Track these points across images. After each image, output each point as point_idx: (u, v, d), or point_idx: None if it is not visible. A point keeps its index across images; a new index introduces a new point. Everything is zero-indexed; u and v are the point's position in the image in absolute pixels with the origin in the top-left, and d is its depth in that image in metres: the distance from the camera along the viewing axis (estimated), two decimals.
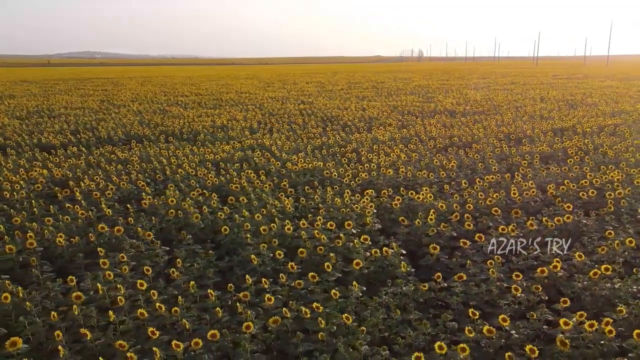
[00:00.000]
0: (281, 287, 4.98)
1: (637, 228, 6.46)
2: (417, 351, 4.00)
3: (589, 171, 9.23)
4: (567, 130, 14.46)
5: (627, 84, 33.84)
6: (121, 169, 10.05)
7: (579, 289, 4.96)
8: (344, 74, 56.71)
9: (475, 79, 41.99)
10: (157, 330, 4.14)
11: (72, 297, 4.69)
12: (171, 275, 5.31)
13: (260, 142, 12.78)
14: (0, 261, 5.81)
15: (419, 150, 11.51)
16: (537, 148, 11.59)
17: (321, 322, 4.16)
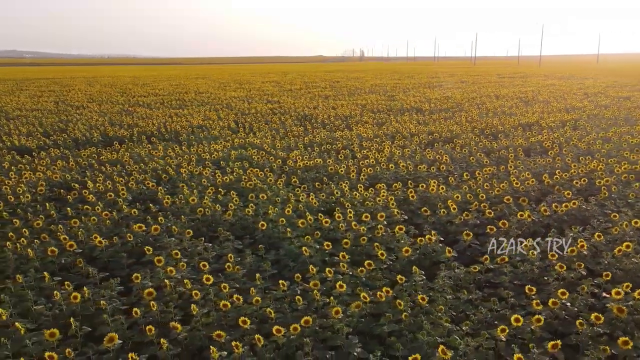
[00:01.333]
0: (342, 275, 5.21)
1: (634, 211, 7.16)
2: (490, 326, 4.38)
3: (571, 162, 10.02)
4: (533, 125, 15.43)
5: (566, 82, 36.15)
6: (120, 170, 9.87)
7: (605, 265, 5.51)
8: (295, 73, 56.94)
9: (426, 79, 43.42)
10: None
11: (145, 294, 4.73)
12: (226, 270, 5.41)
13: (248, 141, 12.84)
14: (43, 264, 5.68)
15: (408, 146, 11.98)
16: (514, 142, 12.36)
17: (400, 303, 4.45)
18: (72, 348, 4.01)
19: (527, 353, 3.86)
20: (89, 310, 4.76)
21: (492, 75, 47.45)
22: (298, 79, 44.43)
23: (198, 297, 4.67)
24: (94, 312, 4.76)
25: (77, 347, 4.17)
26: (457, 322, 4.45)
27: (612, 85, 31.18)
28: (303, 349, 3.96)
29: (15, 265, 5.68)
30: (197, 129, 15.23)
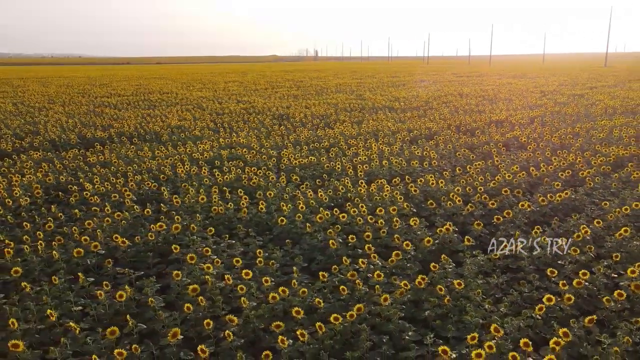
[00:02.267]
0: (373, 266, 5.43)
1: (619, 199, 7.73)
2: (521, 307, 4.73)
3: (550, 155, 10.63)
4: (503, 122, 16.15)
5: (520, 81, 37.72)
6: (115, 171, 9.72)
7: (609, 248, 5.98)
8: (254, 73, 56.67)
9: (387, 78, 44.25)
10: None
11: (189, 290, 4.80)
12: (257, 265, 5.53)
13: (234, 141, 12.86)
14: (69, 265, 5.62)
15: (393, 144, 12.34)
16: (492, 138, 12.95)
17: (441, 289, 4.73)
18: (130, 345, 4.06)
19: (564, 329, 4.20)
20: (133, 309, 4.78)
21: (449, 75, 48.86)
22: (260, 79, 44.28)
23: (244, 291, 4.78)
24: (138, 310, 4.79)
25: (134, 344, 4.19)
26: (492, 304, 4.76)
27: (564, 84, 32.84)
28: (359, 335, 4.16)
29: (39, 267, 5.58)
30: (177, 129, 15.08)
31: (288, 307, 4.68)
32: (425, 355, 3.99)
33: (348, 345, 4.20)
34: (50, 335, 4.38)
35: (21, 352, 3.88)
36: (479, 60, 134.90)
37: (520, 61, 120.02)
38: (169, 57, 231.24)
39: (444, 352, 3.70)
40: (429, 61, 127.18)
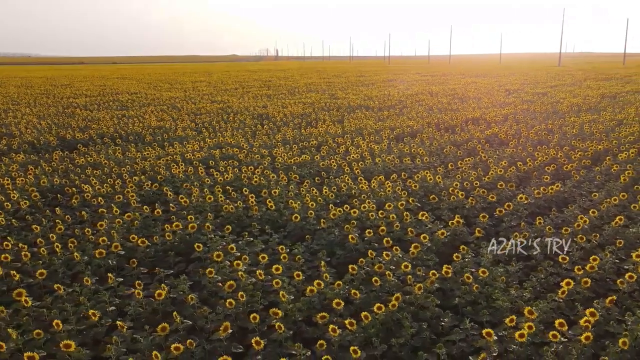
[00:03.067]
0: (397, 258, 5.64)
1: (604, 191, 8.21)
2: (540, 292, 5.04)
3: (532, 151, 11.14)
4: (479, 119, 16.72)
5: (483, 80, 38.91)
6: (108, 172, 9.58)
7: (607, 236, 6.40)
8: (219, 73, 56.15)
9: (354, 77, 44.75)
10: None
11: (226, 287, 4.88)
12: (282, 260, 5.65)
13: (223, 141, 12.85)
14: (92, 266, 5.58)
15: (380, 141, 12.62)
16: (473, 135, 13.41)
17: (468, 277, 4.98)
18: (179, 341, 4.12)
19: (590, 309, 4.52)
20: (170, 307, 4.82)
21: (413, 74, 49.79)
22: (227, 78, 43.94)
23: (279, 285, 4.90)
24: (174, 307, 4.82)
25: (181, 340, 4.25)
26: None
27: (526, 83, 34.08)
28: (400, 323, 4.36)
29: (62, 270, 5.52)
30: (158, 130, 14.90)
31: (323, 300, 4.83)
32: (465, 338, 4.22)
33: (390, 332, 4.39)
34: (91, 335, 4.37)
35: (74, 351, 3.88)
36: (439, 60, 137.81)
37: (478, 61, 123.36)
38: (125, 57, 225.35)
39: (488, 335, 3.93)
40: (390, 61, 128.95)
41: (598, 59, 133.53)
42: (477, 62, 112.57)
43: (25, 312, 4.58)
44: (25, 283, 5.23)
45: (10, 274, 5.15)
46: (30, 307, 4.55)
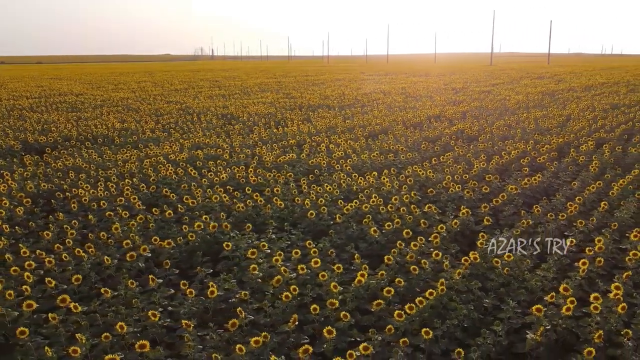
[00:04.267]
0: (422, 247, 5.95)
1: (579, 180, 8.95)
2: (558, 272, 5.51)
3: (502, 145, 11.86)
4: (439, 116, 17.46)
5: (428, 79, 40.37)
6: (94, 174, 9.29)
7: (598, 219, 7.03)
8: (161, 73, 54.68)
9: (302, 77, 45.04)
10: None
11: (273, 282, 4.99)
12: (311, 254, 5.81)
13: (200, 142, 12.72)
14: (120, 269, 5.49)
15: (357, 139, 12.95)
16: (442, 131, 14.04)
17: (497, 261, 5.37)
18: (242, 337, 4.22)
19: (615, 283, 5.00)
20: (220, 304, 4.86)
21: (358, 74, 50.75)
22: (171, 78, 42.87)
23: (325, 277, 5.07)
24: (224, 305, 4.88)
25: (247, 335, 4.33)
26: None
27: (469, 81, 35.72)
28: (451, 305, 4.67)
29: (92, 274, 5.40)
30: (124, 132, 14.47)
31: (366, 289, 5.05)
32: (512, 316, 4.58)
33: (440, 315, 4.68)
34: (150, 336, 4.35)
35: (149, 352, 3.88)
36: (376, 59, 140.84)
37: (414, 60, 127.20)
38: (50, 57, 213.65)
39: (538, 310, 4.31)
40: (329, 60, 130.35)
41: (524, 58, 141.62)
42: (414, 61, 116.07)
43: (74, 318, 4.48)
44: (60, 289, 5.08)
45: (45, 281, 4.98)
46: (79, 312, 4.46)
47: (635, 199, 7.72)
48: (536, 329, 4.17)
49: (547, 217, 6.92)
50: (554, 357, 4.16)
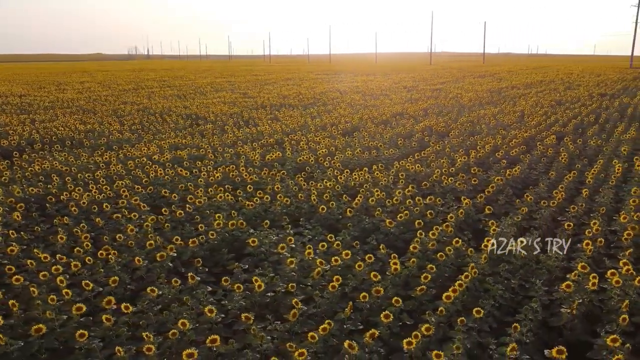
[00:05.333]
0: (438, 235, 6.28)
1: (555, 171, 9.62)
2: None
3: (473, 140, 12.50)
4: (403, 114, 18.03)
5: (377, 78, 41.30)
6: (81, 178, 8.99)
7: (583, 204, 7.66)
8: (102, 73, 52.50)
9: (250, 76, 44.83)
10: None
11: (314, 274, 5.15)
12: (334, 246, 6.00)
13: (178, 142, 12.53)
14: (151, 269, 5.45)
15: (335, 137, 13.20)
16: (413, 128, 14.55)
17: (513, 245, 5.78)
18: (300, 327, 4.36)
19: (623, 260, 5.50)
20: (266, 297, 4.96)
21: (306, 73, 51.08)
22: (115, 78, 41.38)
23: (362, 267, 5.28)
24: (270, 297, 4.98)
25: (306, 325, 4.47)
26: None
27: (418, 80, 36.92)
28: (486, 286, 5.02)
29: (123, 275, 5.33)
30: (90, 134, 13.97)
31: (400, 276, 5.32)
32: (542, 294, 4.98)
33: (475, 296, 5.01)
34: (208, 332, 4.39)
35: (219, 346, 3.94)
36: (318, 58, 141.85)
37: (356, 60, 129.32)
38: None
39: (568, 286, 4.73)
40: (271, 60, 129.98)
41: (460, 57, 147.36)
42: (355, 61, 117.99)
43: (124, 319, 4.44)
44: (96, 291, 4.99)
45: (82, 284, 4.87)
46: (130, 312, 4.43)
47: (608, 185, 8.44)
48: (570, 303, 4.58)
49: (540, 204, 7.46)
50: (585, 328, 4.58)
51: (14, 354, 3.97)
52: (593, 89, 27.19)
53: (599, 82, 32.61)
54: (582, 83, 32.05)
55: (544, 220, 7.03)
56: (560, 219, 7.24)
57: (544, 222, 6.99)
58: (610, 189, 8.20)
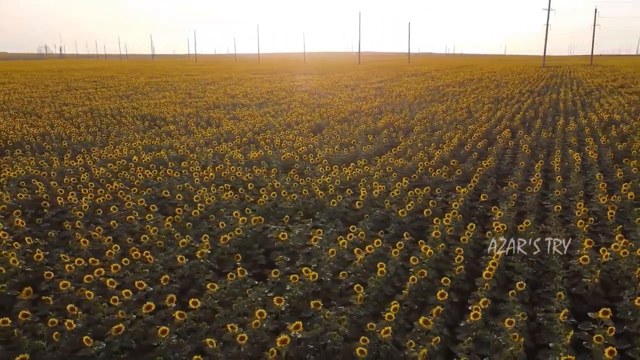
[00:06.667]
0: (447, 222, 6.77)
1: (525, 163, 10.48)
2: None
3: (439, 135, 13.25)
4: (357, 112, 18.59)
5: (316, 77, 41.87)
6: (68, 182, 8.66)
7: (559, 187, 8.48)
8: (20, 73, 49.15)
9: (186, 76, 43.90)
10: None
11: (357, 262, 5.43)
12: (359, 238, 6.33)
13: (148, 143, 12.26)
14: (193, 267, 5.49)
15: (306, 135, 13.46)
16: (375, 125, 15.11)
17: (522, 228, 6.38)
18: (365, 309, 4.66)
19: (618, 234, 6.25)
20: (316, 286, 5.18)
21: (244, 72, 50.73)
22: (40, 79, 39.00)
23: (397, 254, 5.64)
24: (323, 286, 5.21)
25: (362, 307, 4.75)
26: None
27: (356, 79, 37.87)
28: (514, 265, 5.56)
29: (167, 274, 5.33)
30: (46, 137, 13.30)
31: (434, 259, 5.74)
32: (561, 268, 5.57)
33: (503, 274, 5.52)
34: (276, 322, 4.56)
35: (302, 331, 4.13)
36: (245, 58, 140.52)
37: (285, 59, 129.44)
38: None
39: (585, 260, 5.35)
40: (197, 59, 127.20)
41: (386, 57, 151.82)
42: (284, 60, 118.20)
43: (191, 314, 4.50)
44: (147, 290, 4.97)
45: (137, 284, 4.84)
46: (198, 308, 4.50)
47: (574, 172, 9.38)
48: (591, 274, 5.20)
49: (525, 190, 8.19)
50: (604, 294, 5.21)
51: (100, 354, 3.94)
52: (521, 87, 29.30)
53: (523, 80, 35.15)
54: (509, 81, 34.38)
55: (532, 205, 7.74)
56: (544, 203, 7.99)
57: (531, 207, 7.70)
58: (577, 175, 9.12)
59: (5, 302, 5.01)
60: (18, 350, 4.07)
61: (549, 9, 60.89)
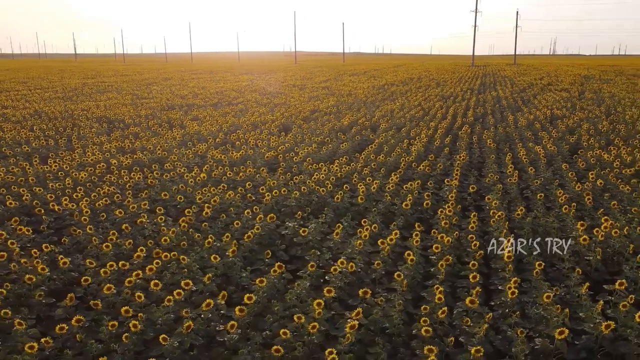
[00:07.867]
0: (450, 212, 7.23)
1: (491, 151, 11.23)
2: None
3: (406, 131, 13.83)
4: (320, 110, 18.89)
5: (262, 76, 41.75)
6: (54, 188, 8.32)
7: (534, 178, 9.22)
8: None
9: (120, 76, 42.33)
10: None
11: (384, 252, 5.74)
12: (374, 230, 6.65)
13: (121, 145, 11.92)
14: (227, 264, 5.56)
15: (277, 134, 13.59)
16: (342, 122, 15.47)
17: (518, 214, 6.95)
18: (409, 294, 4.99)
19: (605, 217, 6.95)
20: (348, 277, 5.43)
21: (183, 72, 49.60)
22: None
23: (418, 243, 6.00)
24: (354, 277, 5.46)
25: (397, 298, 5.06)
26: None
27: (300, 79, 38.17)
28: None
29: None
30: (4, 142, 12.57)
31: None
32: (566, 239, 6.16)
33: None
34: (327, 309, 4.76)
35: (361, 318, 4.38)
36: (177, 57, 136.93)
37: (219, 59, 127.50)
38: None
39: (585, 240, 5.96)
40: (125, 59, 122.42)
41: (320, 56, 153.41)
42: (219, 59, 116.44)
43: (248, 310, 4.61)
44: (199, 289, 5.02)
45: (183, 284, 4.87)
46: (253, 302, 4.63)
47: (542, 163, 10.19)
48: (592, 252, 5.81)
49: (506, 180, 8.85)
50: (606, 269, 5.84)
51: (175, 352, 3.98)
52: (460, 85, 30.86)
53: (459, 79, 36.97)
54: (447, 79, 36.04)
55: (513, 193, 8.39)
56: (524, 192, 8.68)
57: (513, 195, 8.35)
58: (544, 166, 9.94)
59: (40, 310, 4.87)
60: (85, 356, 4.02)
61: (476, 10, 64.24)
